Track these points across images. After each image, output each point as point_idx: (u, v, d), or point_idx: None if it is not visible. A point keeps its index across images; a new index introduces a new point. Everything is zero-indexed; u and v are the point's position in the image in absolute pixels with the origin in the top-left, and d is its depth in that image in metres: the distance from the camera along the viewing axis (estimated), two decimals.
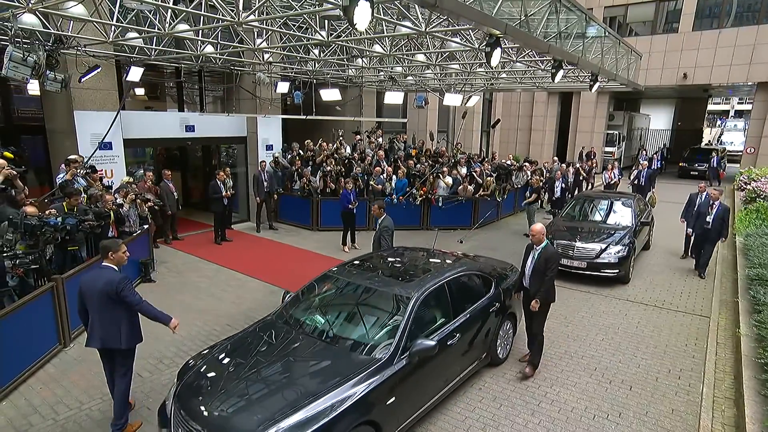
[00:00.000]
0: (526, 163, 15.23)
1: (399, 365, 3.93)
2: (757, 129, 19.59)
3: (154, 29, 7.14)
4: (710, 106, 40.50)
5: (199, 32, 7.96)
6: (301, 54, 9.76)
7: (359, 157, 13.28)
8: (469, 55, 10.13)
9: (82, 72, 8.75)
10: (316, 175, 12.11)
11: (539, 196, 12.43)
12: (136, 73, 9.33)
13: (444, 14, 5.17)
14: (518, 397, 4.97)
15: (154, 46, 8.68)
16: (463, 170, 13.27)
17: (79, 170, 7.97)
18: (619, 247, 8.22)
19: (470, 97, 14.99)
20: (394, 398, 3.83)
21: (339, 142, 13.68)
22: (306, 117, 12.92)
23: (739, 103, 51.12)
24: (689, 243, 9.63)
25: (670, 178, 22.77)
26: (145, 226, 8.55)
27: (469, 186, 12.55)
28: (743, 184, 15.32)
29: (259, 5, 5.75)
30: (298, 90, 12.48)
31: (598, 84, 10.11)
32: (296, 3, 6.33)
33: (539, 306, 5.16)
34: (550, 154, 22.83)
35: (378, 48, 8.98)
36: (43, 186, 9.97)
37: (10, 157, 6.60)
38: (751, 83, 19.81)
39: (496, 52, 6.18)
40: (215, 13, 6.11)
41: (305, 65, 11.46)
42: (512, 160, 16.31)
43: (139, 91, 12.31)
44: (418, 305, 4.35)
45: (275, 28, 7.58)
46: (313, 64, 11.32)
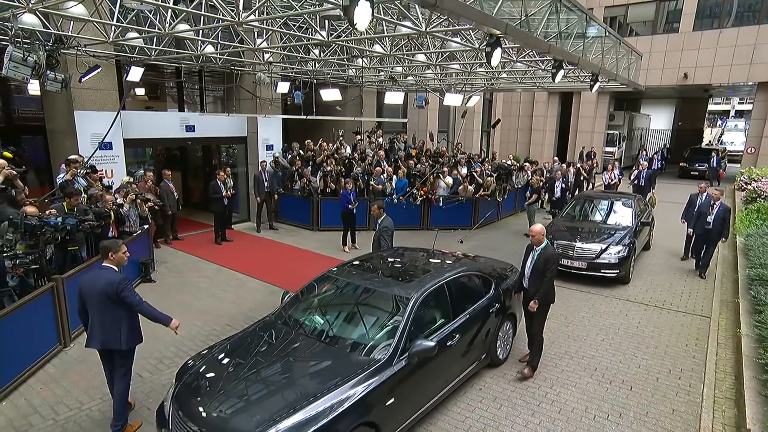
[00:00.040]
0: (527, 163, 15.21)
1: (398, 366, 3.92)
2: (758, 129, 19.57)
3: (154, 29, 7.15)
4: (711, 106, 40.47)
5: (200, 32, 7.97)
6: (302, 54, 9.77)
7: (359, 157, 13.26)
8: (470, 55, 10.13)
9: (83, 72, 8.76)
10: (317, 175, 12.10)
11: (539, 197, 12.43)
12: (136, 73, 9.34)
13: (444, 14, 5.17)
14: (518, 398, 4.96)
15: (154, 46, 8.69)
16: (464, 170, 13.27)
17: (80, 170, 7.97)
18: (620, 247, 8.21)
19: (470, 97, 14.98)
20: (393, 399, 3.82)
21: (339, 142, 13.66)
22: (306, 117, 12.91)
23: (740, 103, 51.04)
24: (690, 244, 9.60)
25: (670, 178, 22.74)
26: (146, 226, 8.56)
27: (469, 186, 12.54)
28: (744, 184, 15.31)
29: (260, 5, 5.75)
30: (299, 90, 12.48)
31: (598, 84, 10.11)
32: (296, 3, 6.33)
33: (538, 306, 5.17)
34: (551, 154, 22.81)
35: (378, 48, 8.98)
36: (44, 186, 9.96)
37: (10, 157, 6.60)
38: (752, 83, 19.81)
39: (497, 52, 6.18)
40: (215, 13, 6.11)
41: (305, 65, 11.46)
42: (512, 160, 16.27)
43: (140, 91, 12.30)
44: (418, 306, 4.34)
45: (275, 28, 7.59)
46: (313, 64, 11.32)
